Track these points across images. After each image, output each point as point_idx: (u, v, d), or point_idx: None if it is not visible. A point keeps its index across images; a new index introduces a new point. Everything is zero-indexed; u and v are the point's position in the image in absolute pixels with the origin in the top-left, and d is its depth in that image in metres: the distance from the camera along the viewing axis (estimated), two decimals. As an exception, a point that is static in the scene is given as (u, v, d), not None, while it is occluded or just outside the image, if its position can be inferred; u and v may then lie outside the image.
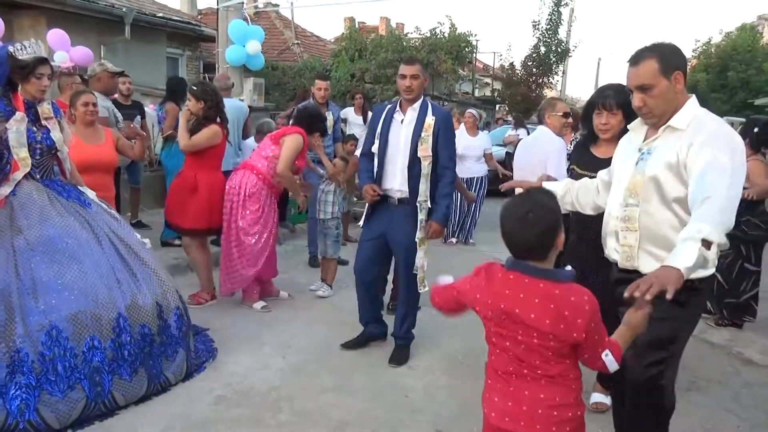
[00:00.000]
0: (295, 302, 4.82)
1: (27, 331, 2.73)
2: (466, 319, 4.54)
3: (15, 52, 3.07)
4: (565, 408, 1.72)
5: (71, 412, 2.76)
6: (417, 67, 3.60)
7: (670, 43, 2.21)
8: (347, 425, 2.95)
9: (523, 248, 1.73)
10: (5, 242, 2.90)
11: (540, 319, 1.66)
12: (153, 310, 3.17)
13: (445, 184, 3.62)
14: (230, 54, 7.18)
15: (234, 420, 2.95)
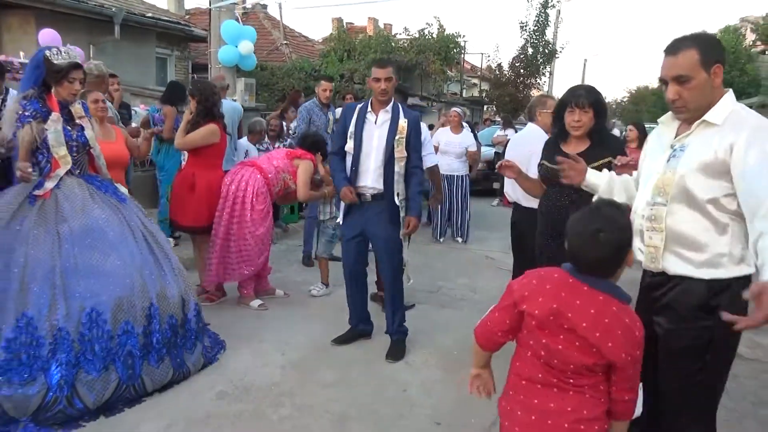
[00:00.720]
0: (291, 300, 4.87)
1: (69, 312, 2.91)
2: (459, 315, 4.66)
3: (51, 57, 3.23)
4: (592, 422, 1.67)
5: (104, 391, 2.93)
6: (390, 69, 3.69)
7: (711, 34, 2.09)
8: (348, 419, 3.00)
9: (591, 266, 1.68)
10: (51, 229, 3.08)
11: (591, 329, 1.62)
12: (178, 303, 3.37)
13: (416, 182, 3.81)
14: (223, 54, 7.20)
15: (236, 415, 3.00)
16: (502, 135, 11.52)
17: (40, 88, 3.28)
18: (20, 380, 2.78)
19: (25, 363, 2.80)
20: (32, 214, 3.11)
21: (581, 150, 3.07)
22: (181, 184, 4.48)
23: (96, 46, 10.81)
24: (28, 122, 3.19)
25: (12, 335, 2.80)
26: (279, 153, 4.80)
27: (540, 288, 1.72)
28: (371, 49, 17.50)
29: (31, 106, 3.22)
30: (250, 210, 4.36)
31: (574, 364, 1.65)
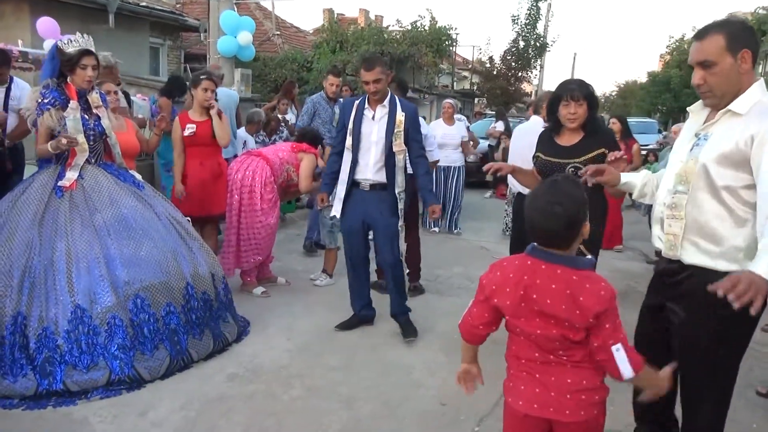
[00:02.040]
0: (293, 288, 4.96)
1: (117, 301, 3.10)
2: (458, 302, 4.78)
3: (62, 46, 3.32)
4: (592, 392, 1.74)
5: (160, 368, 3.18)
6: (378, 70, 3.69)
7: (742, 19, 2.06)
8: (356, 400, 3.11)
9: (547, 238, 1.71)
10: (86, 221, 3.21)
11: (556, 305, 1.66)
12: (209, 279, 3.59)
13: (423, 172, 3.91)
14: (222, 45, 7.23)
15: (249, 395, 3.10)
16: (494, 128, 11.62)
17: (58, 79, 3.38)
18: (84, 367, 2.99)
19: (86, 351, 3.00)
20: (64, 207, 3.23)
21: (574, 142, 3.18)
22: (199, 176, 4.50)
23: (89, 35, 10.76)
24: (47, 109, 3.31)
25: (70, 327, 2.99)
26: (284, 145, 4.91)
27: (504, 279, 1.76)
28: (364, 40, 17.53)
29: (51, 94, 3.35)
30: (259, 199, 4.44)
31: (558, 341, 1.69)
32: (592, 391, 1.74)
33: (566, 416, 1.72)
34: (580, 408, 1.72)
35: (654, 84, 29.77)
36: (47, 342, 2.97)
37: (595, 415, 1.76)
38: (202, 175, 4.45)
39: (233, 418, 2.86)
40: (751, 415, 3.17)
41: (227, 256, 4.56)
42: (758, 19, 17.32)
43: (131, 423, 2.78)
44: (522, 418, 1.80)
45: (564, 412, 1.73)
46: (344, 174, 3.87)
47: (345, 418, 2.92)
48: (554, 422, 1.76)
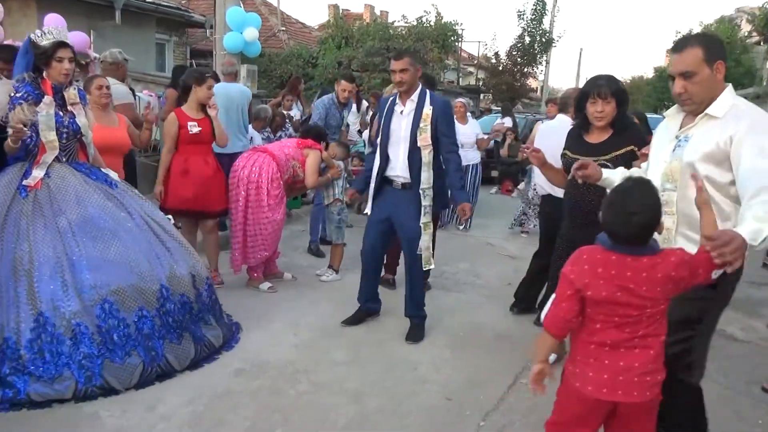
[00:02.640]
0: (298, 283, 4.98)
1: (83, 306, 2.95)
2: (464, 299, 4.80)
3: (36, 39, 3.18)
4: (655, 373, 1.91)
5: (131, 377, 3.02)
6: (405, 60, 3.69)
7: (714, 34, 2.29)
8: (363, 395, 3.13)
9: (627, 241, 1.86)
10: (49, 223, 3.07)
11: (652, 289, 1.84)
12: (189, 280, 3.41)
13: (454, 169, 3.79)
14: (228, 41, 7.25)
15: (255, 390, 3.13)
16: (500, 124, 11.61)
17: (33, 73, 3.24)
18: (49, 377, 2.84)
19: (50, 361, 2.85)
20: (27, 209, 3.09)
21: (603, 139, 3.15)
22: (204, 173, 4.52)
23: (96, 31, 10.80)
24: (19, 104, 3.15)
25: (32, 335, 2.85)
26: (290, 142, 4.92)
27: (594, 273, 1.88)
28: (369, 36, 17.51)
29: (24, 88, 3.18)
30: (266, 195, 4.46)
31: (649, 319, 1.88)
32: (655, 373, 1.91)
33: (634, 398, 1.88)
34: (646, 389, 1.89)
35: (660, 79, 29.54)
36: (9, 353, 2.83)
37: (656, 394, 1.94)
38: (206, 172, 4.47)
39: (240, 413, 2.88)
40: (756, 410, 3.18)
41: (234, 252, 4.58)
42: (766, 14, 17.16)
43: (140, 417, 2.80)
44: (592, 402, 1.93)
45: (632, 394, 1.88)
46: (375, 168, 3.87)
47: (351, 413, 2.94)
48: (621, 404, 1.90)
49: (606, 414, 1.97)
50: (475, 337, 4.02)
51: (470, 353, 3.75)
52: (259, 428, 2.77)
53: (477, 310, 4.57)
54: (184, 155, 4.42)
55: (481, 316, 4.45)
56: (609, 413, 1.96)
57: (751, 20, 19.57)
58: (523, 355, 3.72)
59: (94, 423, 2.74)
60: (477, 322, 4.31)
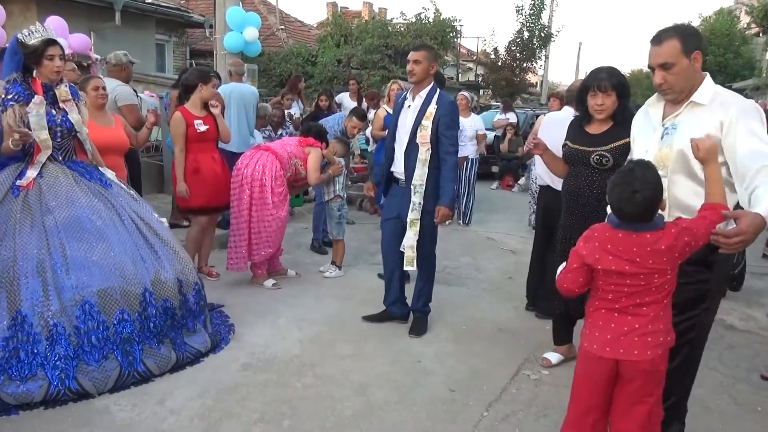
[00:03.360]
0: (302, 280, 5.03)
1: (62, 306, 2.92)
2: (465, 293, 4.85)
3: (24, 39, 3.18)
4: (656, 334, 2.03)
5: (107, 380, 2.97)
6: (422, 53, 3.71)
7: (689, 24, 2.29)
8: (368, 386, 3.19)
9: (631, 219, 1.99)
10: (36, 222, 3.06)
11: (658, 261, 1.98)
12: (174, 286, 3.35)
13: (448, 169, 3.74)
14: (228, 41, 7.30)
15: (262, 384, 3.18)
16: (503, 119, 11.66)
17: (23, 73, 3.24)
18: (21, 377, 2.80)
19: (24, 360, 2.82)
20: (16, 208, 3.09)
21: (603, 130, 3.19)
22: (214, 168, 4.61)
23: (97, 33, 10.86)
24: (11, 106, 3.15)
25: (8, 333, 2.82)
26: (292, 140, 4.97)
27: (604, 249, 2.05)
28: (368, 34, 17.54)
29: (14, 89, 3.18)
30: (270, 193, 4.51)
31: (653, 288, 2.02)
32: (657, 334, 2.03)
33: (634, 356, 2.02)
34: (647, 348, 2.02)
35: (660, 72, 29.57)
36: None
37: (659, 356, 2.04)
38: (216, 168, 4.58)
39: (249, 406, 2.94)
40: (755, 397, 3.23)
41: (239, 250, 4.63)
42: (764, 6, 17.14)
43: (150, 410, 2.86)
44: (596, 360, 2.08)
45: (632, 352, 2.02)
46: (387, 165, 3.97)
47: (357, 404, 3.00)
48: (622, 362, 2.04)
49: (611, 378, 2.09)
50: (477, 330, 4.08)
51: (473, 346, 3.80)
52: (268, 420, 2.82)
53: (479, 304, 4.63)
54: (193, 154, 4.50)
55: (483, 309, 4.51)
56: (615, 378, 2.09)
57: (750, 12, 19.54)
58: (524, 347, 3.78)
59: (105, 417, 2.79)
60: (479, 316, 4.36)
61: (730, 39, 25.45)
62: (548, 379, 3.37)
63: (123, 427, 2.73)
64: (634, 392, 2.07)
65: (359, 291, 4.73)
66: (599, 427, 2.17)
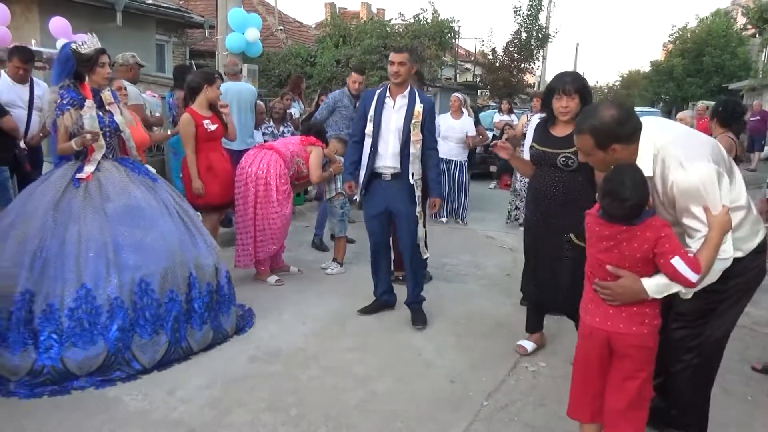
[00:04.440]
0: (305, 276, 5.13)
1: (121, 283, 3.22)
2: (465, 289, 4.95)
3: (78, 48, 3.46)
4: (642, 315, 2.18)
5: (156, 353, 3.29)
6: (405, 55, 3.95)
7: (610, 119, 2.19)
8: (371, 378, 3.29)
9: (622, 219, 2.13)
10: (98, 208, 3.36)
11: (640, 250, 2.12)
12: (212, 271, 3.67)
13: (433, 164, 4.06)
14: (230, 41, 7.39)
15: (269, 375, 3.28)
16: (504, 119, 11.77)
17: (73, 79, 3.53)
18: (84, 345, 3.10)
19: (87, 329, 3.11)
20: (79, 196, 3.38)
21: (567, 133, 3.32)
22: (224, 166, 4.73)
23: (98, 33, 10.86)
24: (67, 110, 3.45)
25: (74, 305, 3.11)
26: (294, 139, 5.09)
27: (592, 232, 2.24)
28: (367, 34, 17.63)
29: (68, 94, 3.48)
30: (275, 191, 4.61)
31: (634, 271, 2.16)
32: (643, 315, 2.18)
33: (620, 329, 2.18)
34: (632, 324, 2.17)
35: (657, 73, 29.75)
36: (51, 318, 3.08)
37: (645, 334, 2.18)
38: (226, 166, 4.70)
39: (257, 395, 3.04)
40: (746, 388, 3.34)
41: (246, 247, 4.73)
42: (760, 7, 17.28)
43: (161, 400, 2.96)
44: (590, 330, 2.26)
45: (619, 326, 2.18)
46: (364, 160, 4.04)
47: (361, 395, 3.10)
48: (612, 336, 2.20)
49: (605, 352, 2.23)
50: (476, 325, 4.18)
51: (472, 339, 3.90)
52: (276, 408, 2.92)
53: (478, 300, 4.73)
54: (204, 153, 4.61)
55: (482, 304, 4.61)
56: (609, 355, 2.23)
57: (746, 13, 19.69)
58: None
59: (119, 406, 2.89)
60: (478, 311, 4.46)
61: (727, 40, 25.62)
62: (545, 371, 3.47)
63: (136, 415, 2.83)
64: (626, 368, 2.19)
65: (360, 287, 4.81)
66: (597, 403, 2.28)
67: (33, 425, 2.71)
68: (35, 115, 4.76)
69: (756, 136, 14.70)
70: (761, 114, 14.91)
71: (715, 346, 2.50)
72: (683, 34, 28.31)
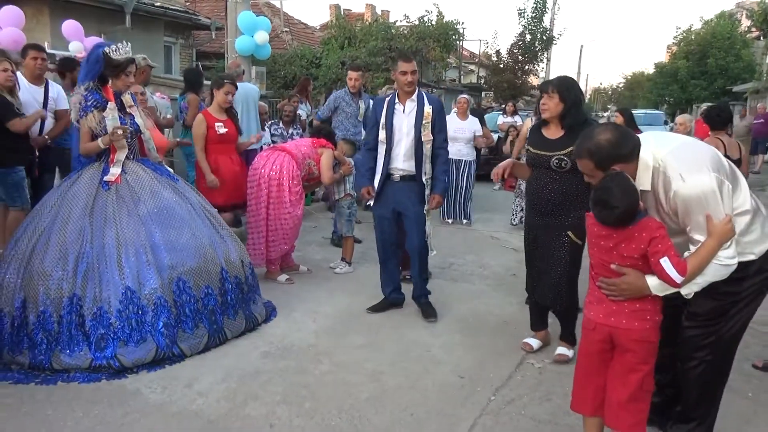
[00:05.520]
0: (314, 275, 5.23)
1: (162, 283, 3.40)
2: (471, 288, 5.05)
3: (110, 53, 3.58)
4: (644, 312, 2.27)
5: (199, 345, 3.50)
6: (415, 63, 4.15)
7: (608, 141, 2.27)
8: (382, 373, 3.38)
9: (613, 225, 2.24)
10: (132, 211, 3.49)
11: (635, 250, 2.23)
12: (240, 264, 3.90)
13: (441, 162, 4.20)
14: (240, 44, 7.51)
15: (282, 370, 3.38)
16: (509, 121, 11.86)
17: (97, 81, 3.65)
18: (135, 342, 3.28)
19: (135, 328, 3.30)
20: (111, 199, 3.51)
21: (559, 136, 3.44)
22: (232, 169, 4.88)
23: (107, 35, 11.04)
24: (91, 111, 3.58)
25: (121, 306, 3.28)
26: (305, 141, 5.20)
27: (592, 233, 2.36)
28: (372, 36, 17.74)
29: (92, 96, 3.61)
30: (287, 192, 4.72)
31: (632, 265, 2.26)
32: (645, 312, 2.28)
33: (623, 324, 2.27)
34: (635, 319, 2.26)
35: (661, 75, 29.81)
36: (101, 320, 3.25)
37: (647, 329, 2.27)
38: (234, 168, 4.83)
39: (270, 389, 3.14)
40: (747, 384, 3.42)
41: (258, 247, 4.84)
42: (764, 10, 17.32)
43: (179, 393, 3.06)
44: (594, 326, 2.35)
45: (621, 321, 2.28)
46: (379, 166, 4.17)
47: (372, 389, 3.19)
48: (614, 330, 2.29)
49: (607, 347, 2.33)
50: (482, 323, 4.27)
51: (479, 337, 3.99)
52: (290, 402, 3.02)
53: (483, 299, 4.82)
54: (213, 155, 4.76)
55: (488, 304, 4.70)
56: (611, 350, 2.33)
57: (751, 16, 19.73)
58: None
59: (139, 398, 3.00)
60: (484, 309, 4.55)
61: (731, 42, 25.65)
62: (551, 368, 3.56)
63: (156, 407, 2.93)
64: (629, 361, 2.28)
65: (368, 286, 4.91)
66: (599, 397, 2.37)
67: (57, 415, 2.82)
68: (49, 117, 4.88)
69: (760, 138, 14.74)
70: (765, 117, 14.94)
71: (728, 345, 2.53)
72: (687, 36, 28.36)
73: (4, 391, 3.03)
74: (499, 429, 2.86)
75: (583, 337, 2.44)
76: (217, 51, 15.68)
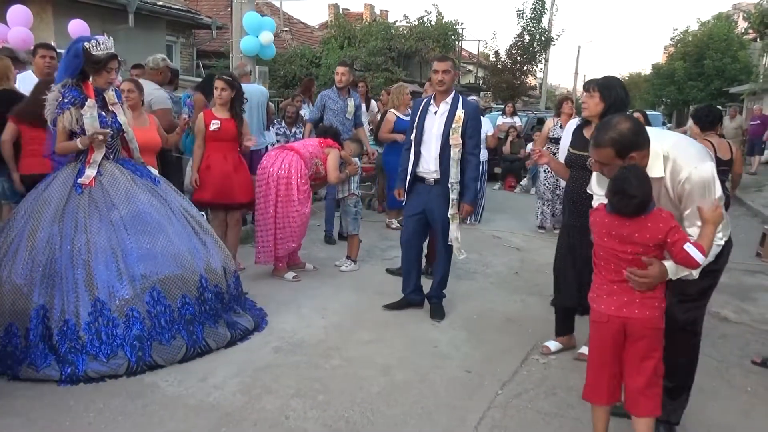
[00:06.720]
0: (320, 273, 5.31)
1: (135, 293, 3.25)
2: (475, 286, 5.13)
3: (90, 48, 3.41)
4: (653, 300, 2.38)
5: (176, 356, 3.33)
6: (448, 63, 4.11)
7: (630, 129, 2.39)
8: (391, 368, 3.46)
9: (631, 214, 2.33)
10: (104, 217, 3.35)
11: (648, 239, 2.32)
12: (221, 272, 3.72)
13: (472, 168, 4.14)
14: (245, 44, 7.57)
15: (294, 365, 3.46)
16: (508, 122, 11.96)
17: (77, 77, 3.46)
18: (105, 356, 3.15)
19: (106, 342, 3.16)
20: (83, 203, 3.35)
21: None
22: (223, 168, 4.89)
23: (110, 34, 11.06)
24: (68, 108, 3.40)
25: (90, 318, 3.15)
26: (312, 141, 5.26)
27: (602, 225, 2.44)
28: (372, 36, 17.82)
29: (70, 93, 3.42)
30: (296, 191, 4.79)
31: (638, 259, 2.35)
32: (653, 300, 2.40)
33: (635, 314, 2.38)
34: (646, 309, 2.38)
35: (658, 76, 29.91)
36: (69, 333, 3.11)
37: (657, 316, 2.40)
38: (226, 168, 4.82)
39: (284, 383, 3.22)
40: (746, 380, 3.52)
41: (267, 244, 4.91)
42: (761, 12, 17.43)
43: (196, 386, 3.13)
44: (607, 319, 2.44)
45: (634, 311, 2.38)
46: (409, 165, 4.21)
47: (382, 383, 3.27)
48: (626, 320, 2.39)
49: (620, 338, 2.42)
50: (487, 320, 4.36)
51: (484, 333, 4.08)
52: (303, 395, 3.10)
53: (488, 296, 4.91)
54: (207, 152, 4.84)
55: (493, 301, 4.79)
56: (623, 340, 2.42)
57: (747, 17, 19.84)
58: (532, 335, 4.06)
59: (156, 391, 3.07)
60: (489, 307, 4.64)
61: (728, 44, 25.75)
62: (556, 363, 3.65)
63: (173, 399, 3.00)
64: (642, 349, 2.39)
65: (373, 284, 5.01)
66: (613, 384, 2.48)
67: (79, 406, 2.89)
68: None
69: (756, 139, 14.87)
70: (761, 118, 15.07)
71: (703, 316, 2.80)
72: (684, 37, 28.47)
73: (23, 384, 3.09)
74: (507, 421, 2.95)
75: (595, 330, 2.53)
76: (217, 50, 15.74)
